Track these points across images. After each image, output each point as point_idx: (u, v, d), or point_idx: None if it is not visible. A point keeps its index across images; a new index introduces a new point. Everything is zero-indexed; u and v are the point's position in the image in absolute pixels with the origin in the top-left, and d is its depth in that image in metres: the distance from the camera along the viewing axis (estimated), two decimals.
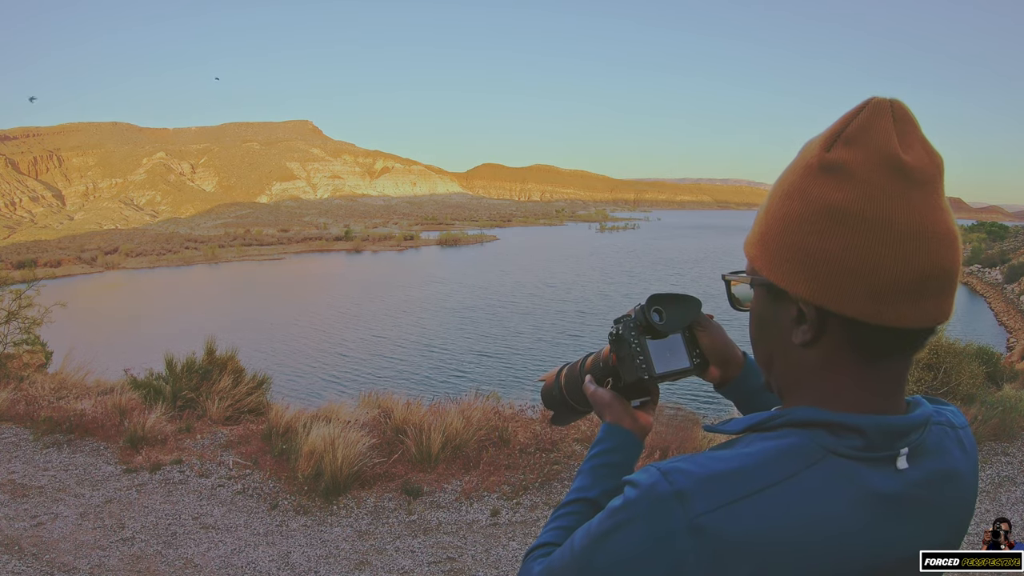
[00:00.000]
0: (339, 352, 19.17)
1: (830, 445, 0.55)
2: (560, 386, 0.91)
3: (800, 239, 0.55)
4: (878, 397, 0.57)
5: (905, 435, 0.57)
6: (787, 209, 0.56)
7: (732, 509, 0.51)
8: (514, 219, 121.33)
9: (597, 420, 5.53)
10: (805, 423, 0.56)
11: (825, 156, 0.55)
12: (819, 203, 0.54)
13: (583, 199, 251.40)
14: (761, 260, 0.59)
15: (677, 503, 0.52)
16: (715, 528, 0.51)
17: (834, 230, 0.53)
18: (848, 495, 0.53)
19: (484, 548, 3.66)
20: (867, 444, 0.55)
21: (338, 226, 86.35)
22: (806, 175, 0.56)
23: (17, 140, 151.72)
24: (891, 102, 0.55)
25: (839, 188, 0.53)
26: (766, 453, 0.55)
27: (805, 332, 0.57)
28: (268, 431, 5.05)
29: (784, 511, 0.52)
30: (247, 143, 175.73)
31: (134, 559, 3.51)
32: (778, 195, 0.58)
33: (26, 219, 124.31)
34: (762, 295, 0.61)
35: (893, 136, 0.54)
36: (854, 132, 0.54)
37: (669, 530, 0.52)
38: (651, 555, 0.53)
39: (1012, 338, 21.16)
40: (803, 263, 0.55)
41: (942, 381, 4.88)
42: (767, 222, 0.59)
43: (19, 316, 7.80)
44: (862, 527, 0.53)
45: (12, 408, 5.74)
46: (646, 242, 68.33)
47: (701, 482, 0.53)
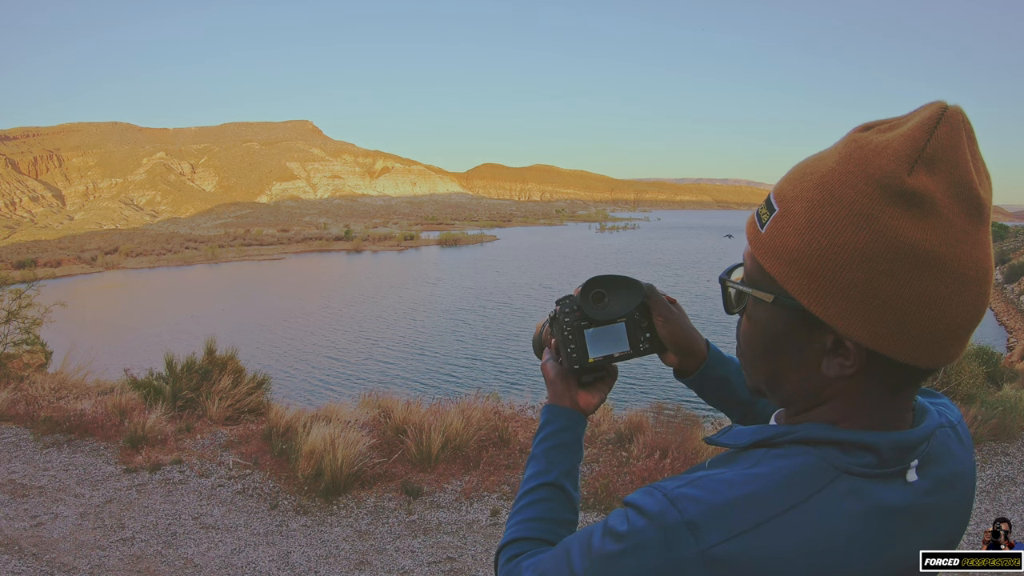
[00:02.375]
0: (337, 353, 19.19)
1: (842, 464, 0.52)
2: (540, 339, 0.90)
3: (865, 277, 0.48)
4: (891, 417, 0.55)
5: (915, 448, 0.55)
6: (852, 241, 0.48)
7: (746, 538, 0.49)
8: (514, 219, 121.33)
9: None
10: (816, 441, 0.54)
11: (907, 182, 0.47)
12: (896, 241, 0.47)
13: (583, 199, 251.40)
14: (798, 284, 0.52)
15: (689, 533, 0.50)
16: (730, 558, 0.49)
17: (910, 275, 0.48)
18: (860, 514, 0.52)
19: (484, 548, 3.66)
20: (880, 461, 0.53)
21: (338, 226, 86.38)
22: (879, 200, 0.48)
23: (17, 140, 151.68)
24: (962, 114, 0.48)
25: (921, 227, 0.47)
26: (777, 476, 0.52)
27: (843, 367, 0.53)
28: (268, 431, 5.05)
29: (799, 537, 0.50)
30: (247, 143, 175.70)
31: (134, 559, 3.51)
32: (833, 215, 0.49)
33: (26, 219, 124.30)
34: (785, 316, 0.55)
35: (970, 163, 0.48)
36: (936, 153, 0.47)
37: (681, 560, 0.50)
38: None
39: (1012, 338, 21.16)
40: (865, 304, 0.49)
41: (942, 381, 4.88)
42: (810, 241, 0.50)
43: (19, 316, 7.81)
44: (875, 544, 0.52)
45: (12, 408, 5.74)
46: (645, 242, 68.34)
47: (713, 510, 0.50)
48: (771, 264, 0.54)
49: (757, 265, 0.56)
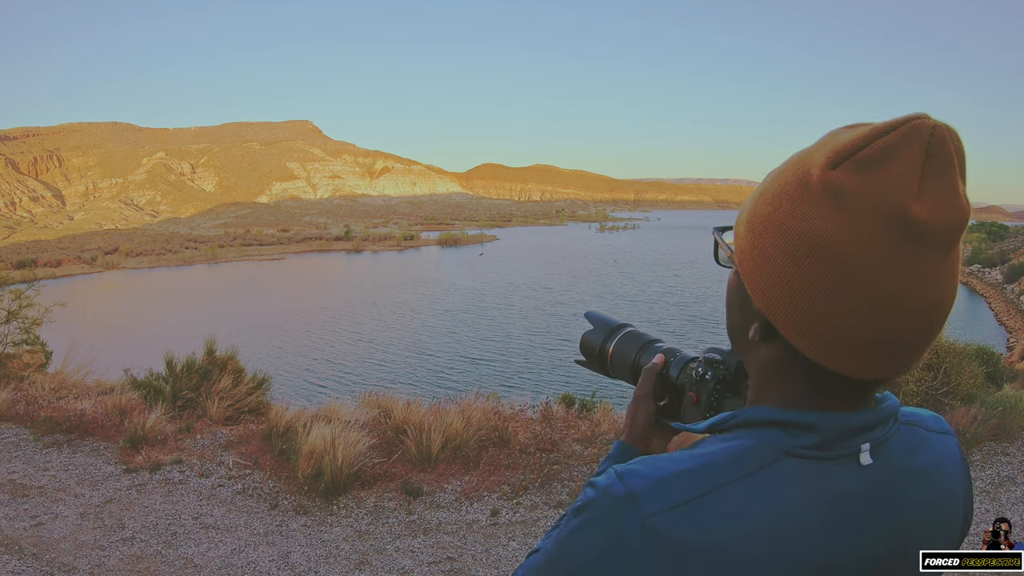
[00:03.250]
0: (337, 353, 19.18)
1: (784, 445, 0.53)
2: (607, 347, 0.89)
3: (771, 253, 0.51)
4: (835, 399, 0.55)
5: (865, 431, 0.54)
6: (770, 210, 0.52)
7: (682, 510, 0.51)
8: (514, 219, 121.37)
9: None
10: (760, 423, 0.55)
11: (828, 174, 0.48)
12: (803, 227, 0.49)
13: (583, 199, 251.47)
14: (740, 253, 0.55)
15: (629, 504, 0.52)
16: (665, 528, 0.50)
17: (807, 263, 0.49)
18: (801, 495, 0.52)
19: (484, 548, 3.66)
20: (822, 442, 0.53)
21: (338, 226, 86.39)
22: (801, 186, 0.50)
23: (17, 140, 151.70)
24: (934, 130, 0.47)
25: (830, 219, 0.48)
26: (719, 455, 0.53)
27: (754, 332, 0.56)
28: (268, 431, 5.05)
29: (735, 512, 0.50)
30: (247, 143, 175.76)
31: (134, 559, 3.51)
32: (771, 192, 0.53)
33: (26, 219, 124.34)
34: (734, 274, 0.59)
35: (916, 177, 0.46)
36: (872, 156, 0.47)
37: (621, 531, 0.51)
38: (606, 556, 0.52)
39: (1012, 338, 21.16)
40: (768, 278, 0.52)
41: (942, 381, 4.88)
42: (752, 207, 0.54)
43: (19, 316, 7.81)
44: (816, 526, 0.52)
45: (12, 408, 5.74)
46: (645, 243, 68.31)
47: (653, 484, 0.52)
48: (737, 227, 0.58)
49: None
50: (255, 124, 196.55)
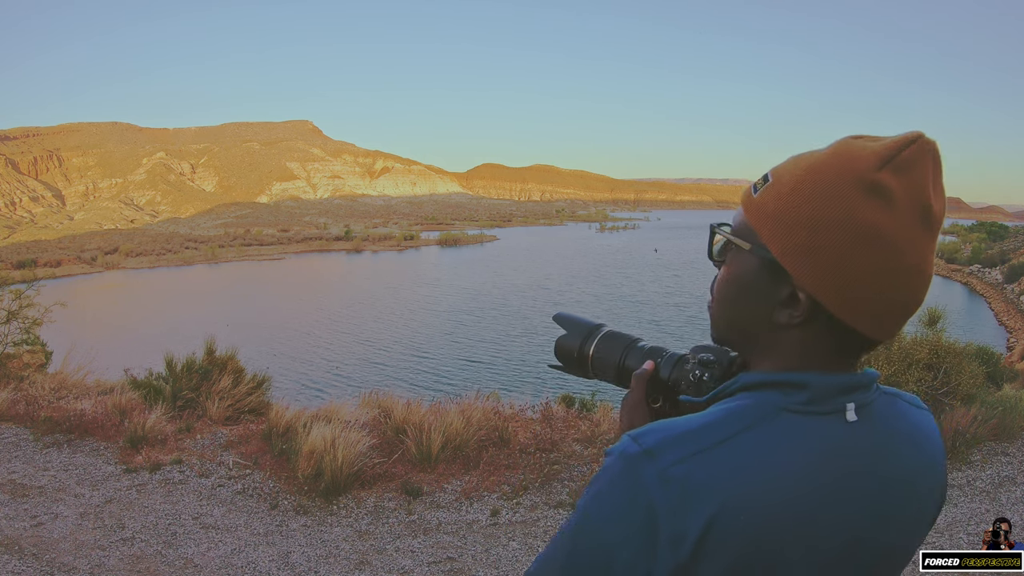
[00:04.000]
0: (337, 354, 19.18)
1: (780, 403, 0.61)
2: (587, 351, 0.89)
3: (830, 243, 0.58)
4: (842, 363, 0.63)
5: (850, 391, 0.62)
6: (824, 210, 0.58)
7: (695, 459, 0.57)
8: (514, 219, 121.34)
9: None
10: (757, 385, 0.63)
11: (877, 175, 0.58)
12: (858, 218, 0.58)
13: (583, 199, 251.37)
14: (776, 240, 0.61)
15: (647, 459, 0.58)
16: (681, 476, 0.57)
17: (863, 248, 0.58)
18: (797, 443, 0.59)
19: (484, 548, 3.66)
20: (811, 398, 0.60)
21: (338, 226, 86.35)
22: (854, 185, 0.58)
23: (17, 140, 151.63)
24: (934, 145, 0.60)
25: (880, 213, 0.57)
26: (724, 412, 0.61)
27: (793, 316, 0.62)
28: (268, 431, 5.05)
29: (742, 457, 0.58)
30: (247, 143, 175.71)
31: (134, 559, 3.51)
32: (811, 192, 0.59)
33: (26, 219, 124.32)
34: (755, 265, 0.64)
35: (930, 179, 0.59)
36: (904, 163, 0.58)
37: (642, 483, 0.57)
38: (631, 508, 0.58)
39: (1012, 338, 21.16)
40: (824, 265, 0.59)
41: (942, 381, 4.88)
42: (793, 207, 0.60)
43: (19, 316, 7.80)
44: (811, 471, 0.59)
45: (12, 408, 5.74)
46: (644, 242, 68.30)
47: (666, 439, 0.59)
48: (754, 219, 0.63)
49: (743, 221, 0.65)
50: (255, 124, 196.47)
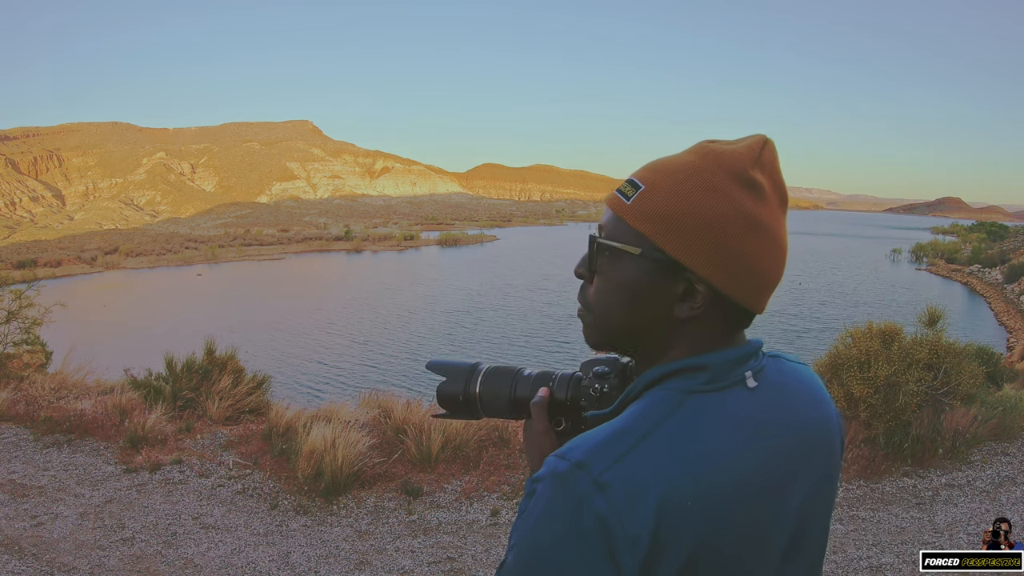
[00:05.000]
0: (337, 354, 19.18)
1: (686, 387, 0.65)
2: (472, 392, 0.88)
3: (716, 234, 0.64)
4: (734, 338, 0.69)
5: (744, 360, 0.67)
6: (703, 204, 0.64)
7: (625, 460, 0.59)
8: (514, 219, 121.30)
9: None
10: (660, 379, 0.66)
11: (751, 172, 0.65)
12: (738, 209, 0.64)
13: (583, 199, 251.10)
14: (671, 239, 0.65)
15: (579, 471, 0.59)
16: (615, 479, 0.58)
17: (749, 235, 0.64)
18: (713, 421, 0.63)
19: (484, 548, 3.66)
20: (712, 376, 0.65)
21: (338, 226, 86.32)
22: (729, 182, 0.64)
23: (17, 140, 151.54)
24: (775, 144, 0.69)
25: (757, 202, 0.65)
26: (637, 413, 0.64)
27: (693, 308, 0.66)
28: (268, 431, 5.05)
29: (667, 447, 0.61)
30: (247, 143, 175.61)
31: (134, 559, 3.51)
32: (690, 192, 0.65)
33: (26, 219, 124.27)
34: (645, 268, 0.67)
35: (780, 172, 0.68)
36: (764, 160, 0.66)
37: (580, 496, 0.58)
38: (574, 523, 0.58)
39: (1012, 338, 21.16)
40: (717, 254, 0.64)
41: (942, 381, 4.87)
42: (682, 207, 0.65)
43: (19, 316, 7.80)
44: (732, 444, 0.63)
45: (12, 408, 5.74)
46: None
47: (591, 449, 0.60)
48: (641, 224, 0.66)
49: (623, 227, 0.68)
50: (255, 124, 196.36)
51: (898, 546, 3.53)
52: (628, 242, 0.67)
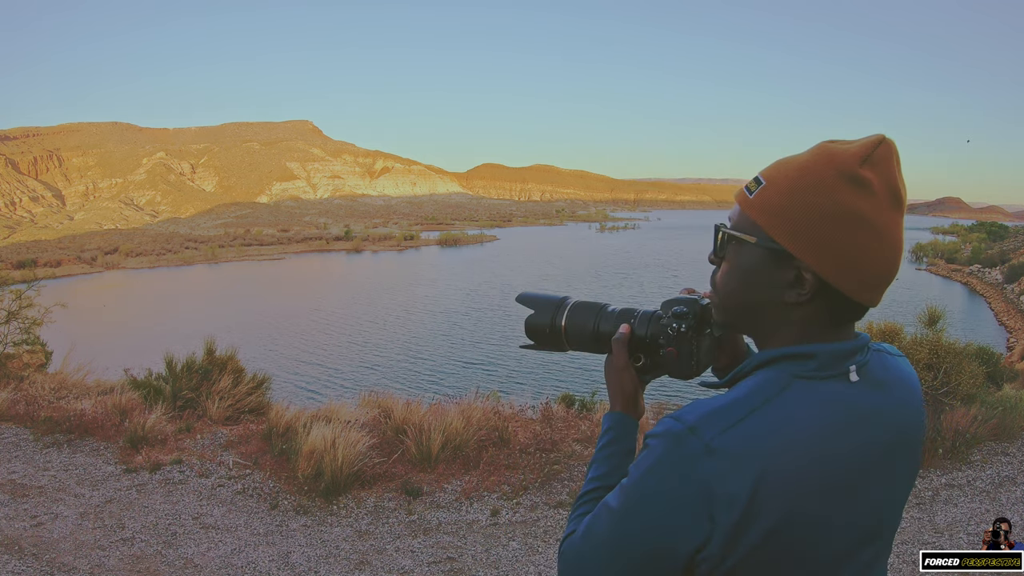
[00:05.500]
0: (337, 354, 19.17)
1: (794, 371, 0.71)
2: (559, 324, 0.92)
3: (824, 229, 0.69)
4: (842, 332, 0.74)
5: (850, 356, 0.73)
6: (813, 200, 0.70)
7: (733, 430, 0.66)
8: (514, 219, 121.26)
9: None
10: (770, 361, 0.73)
11: (858, 171, 0.69)
12: (845, 206, 0.69)
13: (583, 199, 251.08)
14: (782, 231, 0.71)
15: (691, 434, 0.67)
16: (724, 446, 0.66)
17: (854, 230, 0.69)
18: (814, 405, 0.69)
19: (484, 548, 3.66)
20: (820, 365, 0.71)
21: (338, 226, 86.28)
22: (838, 179, 0.69)
23: (17, 140, 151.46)
24: (894, 144, 0.72)
25: (864, 200, 0.69)
26: (748, 388, 0.71)
27: (801, 295, 0.72)
28: (268, 431, 5.05)
29: (769, 424, 0.67)
30: (247, 143, 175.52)
31: (134, 559, 3.51)
32: (804, 187, 0.70)
33: (26, 219, 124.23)
34: (761, 256, 0.74)
35: (896, 171, 0.71)
36: (877, 159, 0.70)
37: (690, 456, 0.66)
38: (681, 481, 0.66)
39: (1012, 338, 21.16)
40: (823, 245, 0.70)
41: (942, 381, 4.87)
42: (793, 201, 0.71)
43: (19, 316, 7.80)
44: (830, 428, 0.69)
45: (12, 408, 5.74)
46: (644, 242, 68.24)
47: (705, 416, 0.68)
48: (758, 216, 0.73)
49: (745, 219, 0.75)
50: (255, 124, 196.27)
51: (898, 546, 3.53)
52: (745, 231, 0.75)
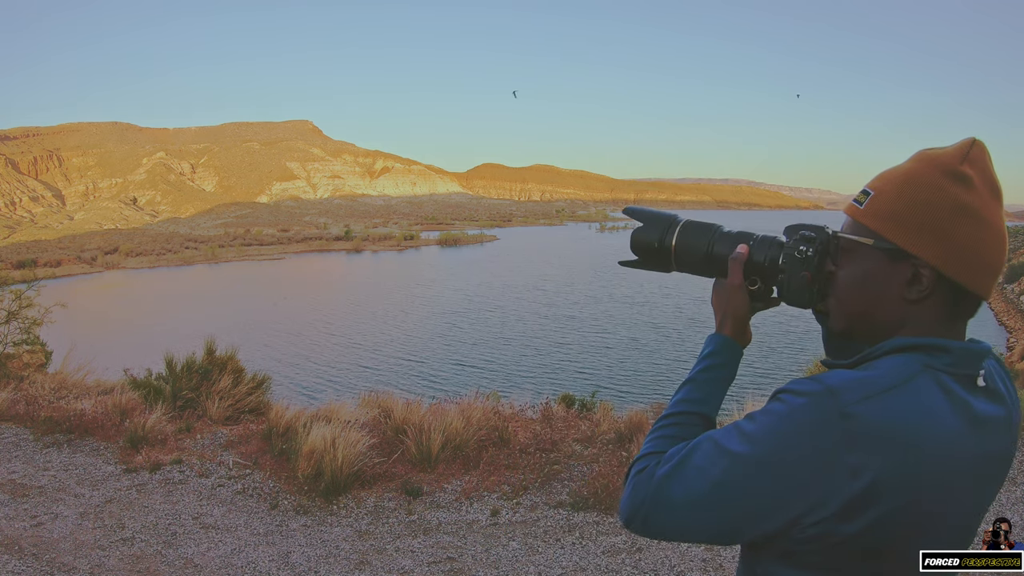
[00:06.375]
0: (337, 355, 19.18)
1: (927, 362, 0.73)
2: (668, 243, 0.90)
3: (934, 221, 0.74)
4: (949, 329, 0.77)
5: (981, 359, 0.76)
6: (922, 197, 0.75)
7: (870, 402, 0.69)
8: (514, 219, 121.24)
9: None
10: (903, 348, 0.75)
11: (960, 168, 0.75)
12: (955, 200, 0.74)
13: (583, 199, 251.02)
14: (892, 231, 0.76)
15: (831, 396, 0.69)
16: (858, 414, 0.68)
17: (963, 221, 0.74)
18: (943, 400, 0.71)
19: (484, 548, 3.66)
20: (953, 361, 0.74)
21: (338, 226, 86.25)
22: (944, 177, 0.75)
23: (17, 140, 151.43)
24: (985, 144, 0.77)
25: (968, 193, 0.74)
26: (884, 368, 0.73)
27: (920, 291, 0.76)
28: (268, 431, 5.05)
29: (904, 405, 0.69)
30: (247, 143, 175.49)
31: (134, 559, 3.51)
32: (913, 186, 0.76)
33: (26, 219, 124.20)
34: (878, 257, 0.78)
35: (991, 167, 0.77)
36: (974, 157, 0.75)
37: (825, 415, 0.68)
38: (813, 436, 0.68)
39: (1012, 338, 21.16)
40: (937, 240, 0.74)
41: None
42: (901, 203, 0.76)
43: (19, 316, 7.80)
44: (955, 425, 0.71)
45: (12, 408, 5.74)
46: None
47: (847, 383, 0.70)
48: (871, 222, 0.78)
49: (859, 226, 0.80)
50: (255, 124, 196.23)
51: None
52: (854, 235, 0.79)
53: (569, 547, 3.63)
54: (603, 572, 3.37)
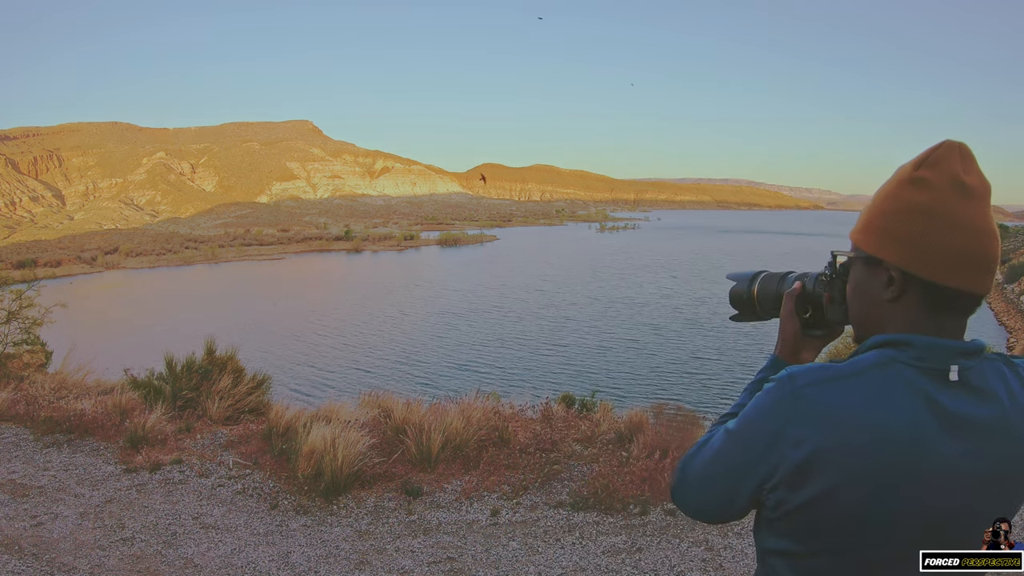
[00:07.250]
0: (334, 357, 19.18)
1: (895, 356, 0.79)
2: (752, 291, 1.07)
3: (892, 225, 0.81)
4: (933, 331, 0.81)
5: (954, 355, 0.78)
6: (884, 206, 0.82)
7: (819, 385, 0.78)
8: (514, 219, 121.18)
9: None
10: (877, 344, 0.82)
11: (914, 173, 0.81)
12: (906, 202, 0.80)
13: (583, 199, 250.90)
14: (864, 241, 0.85)
15: (789, 381, 0.80)
16: (807, 395, 0.78)
17: (914, 219, 0.79)
18: (904, 390, 0.76)
19: (484, 548, 3.66)
20: (918, 355, 0.78)
21: (338, 226, 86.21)
22: (899, 184, 0.82)
23: (17, 140, 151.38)
24: (960, 144, 0.81)
25: (921, 193, 0.79)
26: (852, 360, 0.81)
27: (893, 290, 0.82)
28: (268, 431, 5.05)
29: (849, 389, 0.77)
30: (247, 143, 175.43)
31: (134, 559, 3.51)
32: (879, 197, 0.84)
33: (26, 219, 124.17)
34: (860, 266, 0.87)
35: (959, 166, 0.79)
36: (933, 160, 0.80)
37: (781, 398, 0.79)
38: (771, 416, 0.80)
39: (1012, 338, 21.14)
40: (894, 240, 0.80)
41: None
42: (870, 216, 0.84)
43: (19, 316, 7.80)
44: (914, 411, 0.76)
45: (12, 408, 5.74)
46: (644, 243, 68.23)
47: (806, 371, 0.80)
48: (855, 236, 0.87)
49: (851, 243, 0.89)
50: (255, 124, 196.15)
51: None
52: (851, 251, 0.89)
53: (569, 547, 3.63)
54: (603, 572, 3.37)
